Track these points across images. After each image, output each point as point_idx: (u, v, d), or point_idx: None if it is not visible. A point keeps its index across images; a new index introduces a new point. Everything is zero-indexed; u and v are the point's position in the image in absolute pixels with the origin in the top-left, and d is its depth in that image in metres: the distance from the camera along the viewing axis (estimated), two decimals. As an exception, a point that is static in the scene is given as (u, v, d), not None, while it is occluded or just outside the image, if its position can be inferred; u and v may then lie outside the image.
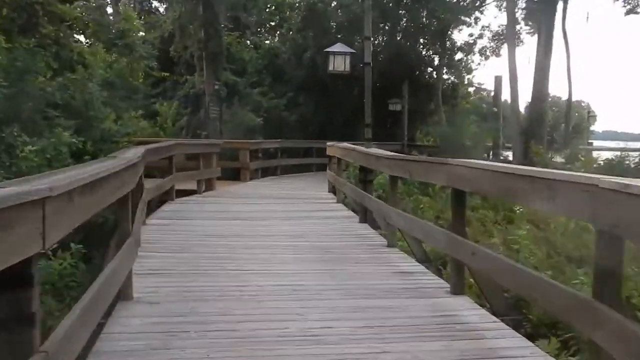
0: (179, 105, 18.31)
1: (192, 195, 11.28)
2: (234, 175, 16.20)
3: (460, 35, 47.85)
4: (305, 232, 7.44)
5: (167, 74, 17.12)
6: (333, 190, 12.34)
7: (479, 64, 29.08)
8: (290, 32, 22.26)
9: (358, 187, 8.67)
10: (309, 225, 8.05)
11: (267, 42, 23.16)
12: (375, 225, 8.42)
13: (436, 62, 24.13)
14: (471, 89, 31.05)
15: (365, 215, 8.31)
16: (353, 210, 10.06)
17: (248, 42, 22.94)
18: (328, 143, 12.99)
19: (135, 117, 10.49)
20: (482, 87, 34.47)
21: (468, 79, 27.41)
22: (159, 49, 19.90)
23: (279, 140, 17.76)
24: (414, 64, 22.55)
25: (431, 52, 24.15)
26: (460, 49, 26.44)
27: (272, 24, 26.22)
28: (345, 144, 10.14)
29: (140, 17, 24.25)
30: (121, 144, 9.39)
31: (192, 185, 11.62)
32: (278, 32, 24.90)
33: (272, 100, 20.34)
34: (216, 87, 16.23)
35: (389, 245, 6.62)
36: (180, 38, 16.99)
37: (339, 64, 11.28)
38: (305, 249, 6.39)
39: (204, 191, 12.22)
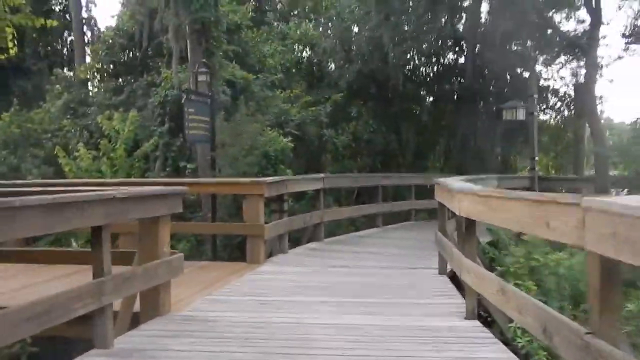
0: (143, 119, 10.70)
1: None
2: (236, 247, 8.57)
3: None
4: None
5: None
6: (475, 310, 4.46)
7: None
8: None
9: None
10: None
11: (300, 29, 15.43)
12: None
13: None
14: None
15: None
16: None
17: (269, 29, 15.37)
18: (447, 182, 5.21)
19: None
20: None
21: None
22: (129, 36, 12.60)
23: (321, 175, 9.84)
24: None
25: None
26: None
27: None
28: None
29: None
30: None
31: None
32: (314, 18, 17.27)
33: (308, 110, 12.47)
34: (201, 78, 8.51)
35: None
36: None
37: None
38: None
39: (130, 326, 4.47)
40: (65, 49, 17.26)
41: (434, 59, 15.27)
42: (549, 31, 15.16)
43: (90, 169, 9.16)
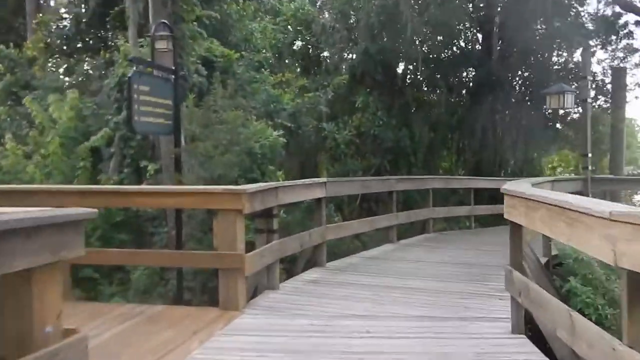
0: (97, 107, 8.38)
1: None
2: (212, 275, 6.40)
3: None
4: None
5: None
6: None
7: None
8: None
9: None
10: None
11: (295, 3, 13.11)
12: None
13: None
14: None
15: None
16: None
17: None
18: (551, 195, 2.80)
19: None
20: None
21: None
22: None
23: (322, 180, 7.54)
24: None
25: None
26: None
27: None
28: None
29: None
30: None
31: None
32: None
33: (303, 97, 10.17)
34: (161, 45, 6.21)
35: None
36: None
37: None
38: None
39: None
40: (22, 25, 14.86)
41: (449, 41, 13.00)
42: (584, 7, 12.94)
43: (13, 169, 6.83)
